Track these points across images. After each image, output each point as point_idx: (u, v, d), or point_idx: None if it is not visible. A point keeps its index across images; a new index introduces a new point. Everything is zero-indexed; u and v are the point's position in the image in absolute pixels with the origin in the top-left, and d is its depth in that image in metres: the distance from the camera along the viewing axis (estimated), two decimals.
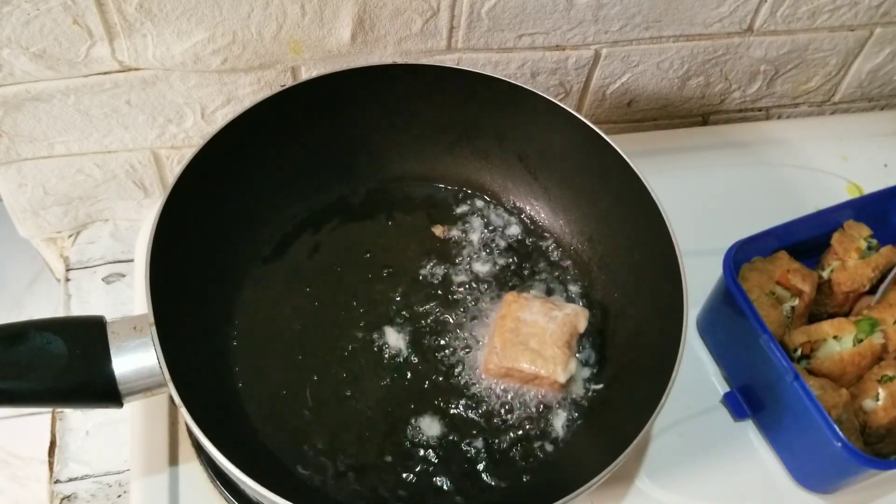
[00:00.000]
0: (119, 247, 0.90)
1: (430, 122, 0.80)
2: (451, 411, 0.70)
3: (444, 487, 0.66)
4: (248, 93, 0.82)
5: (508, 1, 0.80)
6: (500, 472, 0.67)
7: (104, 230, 0.91)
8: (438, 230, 0.76)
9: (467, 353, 0.73)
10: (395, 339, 0.73)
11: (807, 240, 0.81)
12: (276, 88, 0.74)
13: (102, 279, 0.88)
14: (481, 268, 0.78)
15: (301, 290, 0.75)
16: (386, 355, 0.72)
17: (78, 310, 0.85)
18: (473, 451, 0.68)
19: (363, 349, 0.72)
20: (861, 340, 0.74)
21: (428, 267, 0.78)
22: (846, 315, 0.79)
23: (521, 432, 0.69)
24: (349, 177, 0.81)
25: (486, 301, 0.76)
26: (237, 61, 0.78)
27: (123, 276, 0.88)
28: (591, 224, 0.79)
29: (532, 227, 0.81)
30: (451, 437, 0.68)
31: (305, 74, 0.82)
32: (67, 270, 0.88)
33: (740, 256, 0.77)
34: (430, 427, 0.69)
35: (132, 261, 0.87)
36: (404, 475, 0.66)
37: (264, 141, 0.73)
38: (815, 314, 0.81)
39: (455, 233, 0.77)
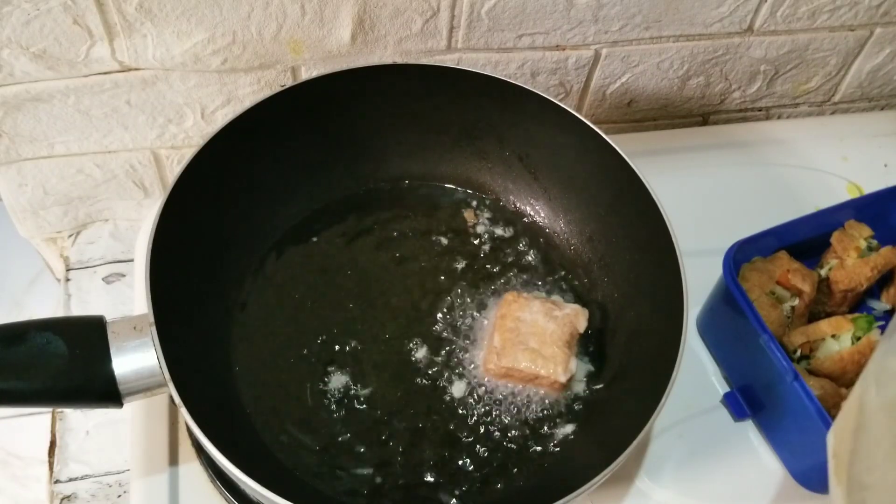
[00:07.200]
0: (119, 247, 0.90)
1: (430, 122, 0.80)
2: (451, 411, 0.70)
3: (444, 487, 0.66)
4: (248, 93, 0.82)
5: (508, 1, 0.80)
6: (500, 472, 0.67)
7: (104, 230, 0.91)
8: (469, 215, 0.76)
9: (467, 352, 0.73)
10: (395, 339, 0.73)
11: (807, 240, 0.81)
12: (276, 88, 0.74)
13: (102, 279, 0.88)
14: (481, 267, 0.78)
15: (301, 289, 0.75)
16: (386, 355, 0.72)
17: (78, 310, 0.85)
18: (473, 451, 0.68)
19: (364, 349, 0.72)
20: (859, 338, 0.74)
21: (428, 266, 0.78)
22: (845, 314, 0.79)
23: (520, 432, 0.69)
24: (349, 177, 0.81)
25: (485, 301, 0.76)
26: (237, 61, 0.78)
27: (123, 276, 0.88)
28: (591, 224, 0.79)
29: (532, 227, 0.82)
30: (450, 438, 0.68)
31: (305, 74, 0.82)
32: (67, 270, 0.88)
33: (740, 256, 0.77)
34: (429, 426, 0.69)
35: (132, 261, 0.87)
36: (404, 474, 0.66)
37: (264, 141, 0.73)
38: (813, 313, 0.81)
39: (479, 224, 0.77)
